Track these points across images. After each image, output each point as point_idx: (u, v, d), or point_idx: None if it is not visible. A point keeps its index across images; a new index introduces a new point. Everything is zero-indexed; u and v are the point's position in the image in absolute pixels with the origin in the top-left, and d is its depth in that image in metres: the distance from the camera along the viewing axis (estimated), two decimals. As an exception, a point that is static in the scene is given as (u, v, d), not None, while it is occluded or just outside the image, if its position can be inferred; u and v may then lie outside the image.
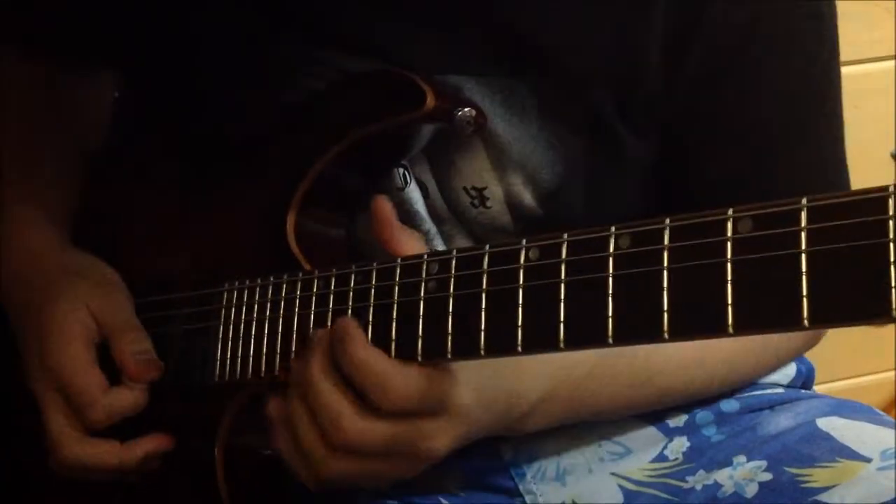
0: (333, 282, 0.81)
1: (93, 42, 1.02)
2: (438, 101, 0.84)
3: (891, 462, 0.81)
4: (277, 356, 0.84)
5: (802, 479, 0.83)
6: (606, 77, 0.87)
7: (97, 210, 1.04)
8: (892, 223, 0.53)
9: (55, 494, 0.99)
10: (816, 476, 0.82)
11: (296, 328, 0.83)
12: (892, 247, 0.53)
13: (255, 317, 0.87)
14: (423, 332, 0.74)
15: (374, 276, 0.78)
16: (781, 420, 0.90)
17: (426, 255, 0.75)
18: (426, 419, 0.76)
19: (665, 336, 0.61)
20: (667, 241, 0.62)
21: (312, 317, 0.82)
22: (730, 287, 0.59)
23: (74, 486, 0.95)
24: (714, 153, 0.90)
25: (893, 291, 0.52)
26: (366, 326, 0.77)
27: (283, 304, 0.85)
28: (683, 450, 0.91)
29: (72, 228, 1.03)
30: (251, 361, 0.87)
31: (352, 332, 0.76)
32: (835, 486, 0.81)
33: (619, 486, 0.91)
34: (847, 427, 0.87)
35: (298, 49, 0.90)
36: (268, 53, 0.92)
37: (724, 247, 0.59)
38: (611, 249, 0.64)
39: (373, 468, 0.78)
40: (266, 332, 0.86)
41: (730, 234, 0.59)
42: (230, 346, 0.89)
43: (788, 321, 0.56)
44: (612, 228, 0.64)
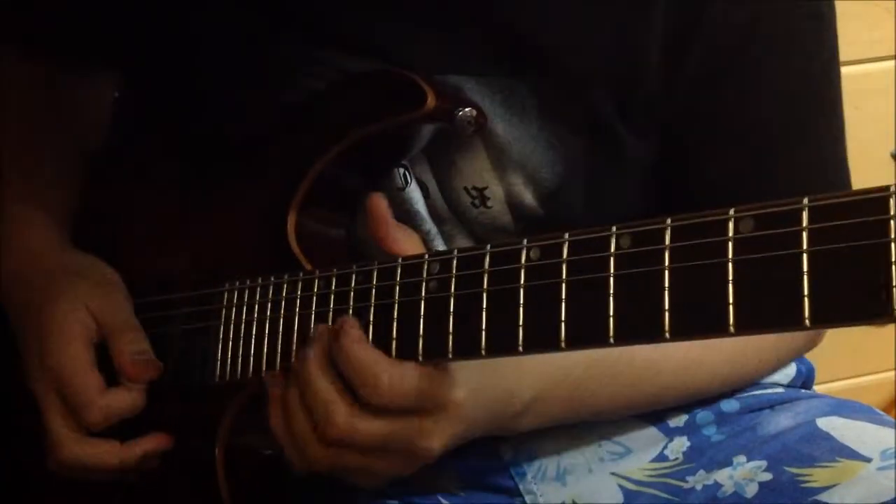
0: (334, 282, 0.81)
1: (93, 42, 1.02)
2: (439, 101, 0.84)
3: (891, 462, 0.81)
4: (278, 356, 0.85)
5: (802, 479, 0.83)
6: (606, 77, 0.87)
7: (97, 210, 1.04)
8: (893, 223, 0.53)
9: (55, 494, 0.99)
10: (816, 476, 0.82)
11: (296, 328, 0.83)
12: (893, 247, 0.53)
13: (256, 317, 0.87)
14: (424, 332, 0.74)
15: (375, 276, 0.78)
16: (781, 420, 0.90)
17: (427, 255, 0.75)
18: (422, 417, 0.76)
19: (666, 336, 0.61)
20: (668, 241, 0.62)
21: (313, 317, 0.82)
22: (731, 287, 0.59)
23: (74, 486, 0.95)
24: (714, 153, 0.90)
25: (894, 291, 0.52)
26: (367, 326, 0.77)
27: (284, 304, 0.85)
28: (683, 450, 0.91)
29: (72, 228, 1.03)
30: (251, 361, 0.87)
31: (348, 329, 0.77)
32: (835, 486, 0.81)
33: (620, 486, 0.91)
34: (847, 427, 0.87)
35: (298, 49, 0.90)
36: (268, 53, 0.92)
37: (726, 246, 0.59)
38: (612, 249, 0.64)
39: (366, 464, 0.79)
40: (266, 332, 0.86)
41: (731, 234, 0.59)
42: (230, 346, 0.89)
43: (790, 321, 0.56)
44: (613, 228, 0.64)
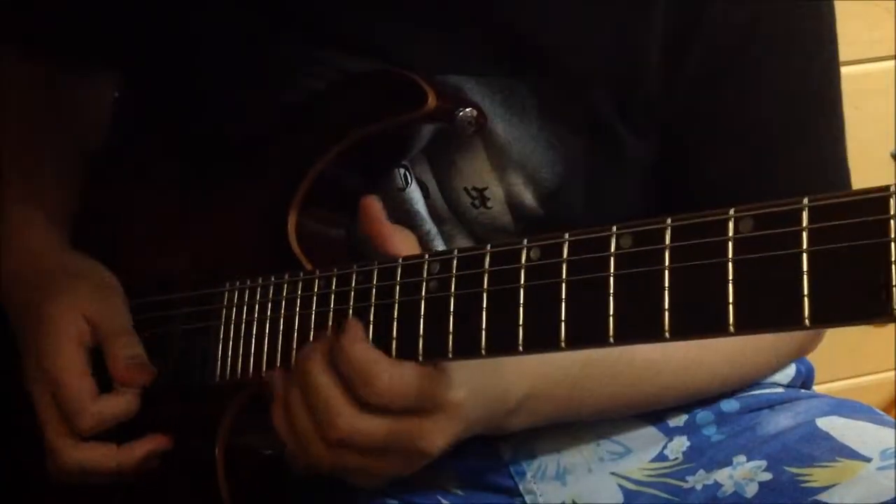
0: (334, 281, 0.81)
1: (93, 42, 1.02)
2: (440, 101, 0.84)
3: (891, 462, 0.81)
4: (278, 356, 0.84)
5: (802, 479, 0.83)
6: (606, 77, 0.87)
7: (97, 210, 1.04)
8: (893, 223, 0.53)
9: (55, 494, 0.99)
10: (816, 476, 0.82)
11: (296, 328, 0.83)
12: (893, 246, 0.53)
13: (256, 317, 0.87)
14: (424, 332, 0.74)
15: (376, 276, 0.78)
16: (781, 420, 0.90)
17: (427, 255, 0.75)
18: (422, 418, 0.76)
19: (666, 335, 0.61)
20: (668, 241, 0.62)
21: (313, 317, 0.82)
22: (731, 286, 0.59)
23: (74, 487, 0.95)
24: (714, 153, 0.90)
25: (894, 291, 0.52)
26: (367, 326, 0.77)
27: (284, 304, 0.85)
28: (683, 449, 0.91)
29: (72, 229, 1.03)
30: (252, 361, 0.87)
31: (350, 329, 0.77)
32: (834, 486, 0.81)
33: (619, 486, 0.91)
34: (847, 427, 0.87)
35: (298, 49, 0.90)
36: (268, 53, 0.92)
37: (726, 246, 0.59)
38: (612, 249, 0.64)
39: (367, 464, 0.79)
40: (267, 332, 0.86)
41: (731, 234, 0.59)
42: (231, 346, 0.89)
43: (789, 320, 0.56)
44: (613, 228, 0.64)
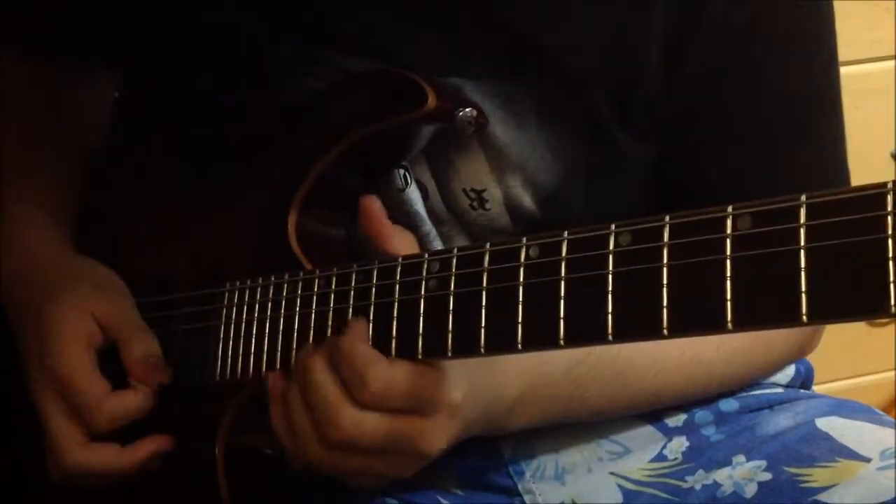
0: (334, 281, 0.81)
1: (93, 42, 1.02)
2: (440, 101, 0.84)
3: (890, 462, 0.81)
4: (278, 356, 0.84)
5: (802, 479, 0.83)
6: (606, 77, 0.87)
7: (97, 210, 1.04)
8: (891, 219, 0.53)
9: (55, 495, 0.99)
10: (816, 476, 0.82)
11: (297, 328, 0.83)
12: (891, 242, 0.53)
13: (256, 316, 0.87)
14: (424, 330, 0.74)
15: (375, 275, 0.78)
16: (781, 420, 0.90)
17: (427, 254, 0.75)
18: (421, 418, 0.76)
19: (664, 332, 0.61)
20: (666, 238, 0.62)
21: (313, 316, 0.82)
22: (729, 283, 0.59)
23: (74, 487, 0.95)
24: (714, 153, 0.90)
25: (892, 287, 0.52)
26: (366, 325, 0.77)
27: (284, 304, 0.85)
28: (682, 449, 0.91)
29: (72, 228, 1.03)
30: (252, 361, 0.87)
31: (351, 328, 0.77)
32: (834, 486, 0.80)
33: (619, 486, 0.91)
34: (846, 427, 0.87)
35: (298, 49, 0.90)
36: (268, 53, 0.92)
37: (724, 243, 0.59)
38: (611, 247, 0.64)
39: (366, 465, 0.79)
40: (267, 332, 0.86)
41: (729, 231, 0.59)
42: (231, 346, 0.89)
43: (787, 317, 0.56)
44: (612, 226, 0.65)
